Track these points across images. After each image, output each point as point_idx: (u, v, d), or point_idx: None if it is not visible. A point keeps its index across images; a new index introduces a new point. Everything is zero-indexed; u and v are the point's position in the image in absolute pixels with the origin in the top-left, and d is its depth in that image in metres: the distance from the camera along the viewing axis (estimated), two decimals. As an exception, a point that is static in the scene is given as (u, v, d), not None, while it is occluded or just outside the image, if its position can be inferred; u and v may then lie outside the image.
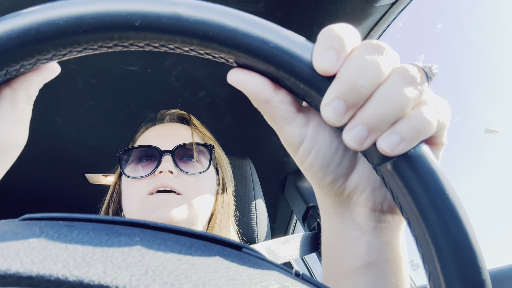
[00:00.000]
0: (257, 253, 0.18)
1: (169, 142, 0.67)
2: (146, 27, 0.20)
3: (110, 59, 1.16)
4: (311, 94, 0.22)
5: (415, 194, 0.20)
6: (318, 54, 0.21)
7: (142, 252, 0.13)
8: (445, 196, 0.19)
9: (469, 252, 0.18)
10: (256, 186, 0.94)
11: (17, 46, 0.19)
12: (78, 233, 0.14)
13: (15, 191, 1.91)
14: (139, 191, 0.63)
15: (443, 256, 0.19)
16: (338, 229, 0.29)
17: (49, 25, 0.19)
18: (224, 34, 0.20)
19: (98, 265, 0.12)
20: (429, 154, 0.20)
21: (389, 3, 0.77)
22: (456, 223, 0.19)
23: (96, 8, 0.19)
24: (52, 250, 0.13)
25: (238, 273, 0.14)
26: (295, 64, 0.21)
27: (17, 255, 0.13)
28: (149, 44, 0.21)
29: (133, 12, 0.19)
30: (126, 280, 0.12)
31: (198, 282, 0.13)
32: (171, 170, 0.63)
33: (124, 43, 0.20)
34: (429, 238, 0.19)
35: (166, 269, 0.13)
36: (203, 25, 0.20)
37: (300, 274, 0.18)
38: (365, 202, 0.28)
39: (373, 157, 0.22)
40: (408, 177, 0.20)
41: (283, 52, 0.21)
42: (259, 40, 0.21)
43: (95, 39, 0.20)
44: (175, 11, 0.20)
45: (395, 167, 0.20)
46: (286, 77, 0.22)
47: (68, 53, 0.21)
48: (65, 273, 0.12)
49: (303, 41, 0.22)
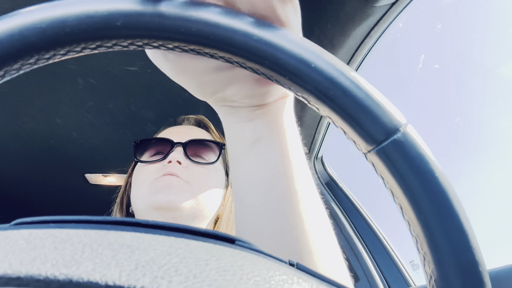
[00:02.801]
0: (250, 245, 0.18)
1: (182, 137, 0.69)
2: (128, 27, 0.20)
3: (110, 60, 1.16)
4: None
5: (405, 179, 0.20)
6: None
7: (132, 248, 0.13)
8: (434, 179, 0.19)
9: (460, 233, 0.19)
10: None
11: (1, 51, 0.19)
12: (67, 233, 0.14)
13: (15, 190, 1.91)
14: (147, 176, 0.64)
15: (436, 238, 0.19)
16: (230, 125, 0.34)
17: (32, 29, 0.19)
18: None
19: (87, 263, 0.12)
20: (417, 138, 0.20)
21: (389, 3, 0.77)
22: (447, 206, 0.19)
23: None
24: (41, 250, 0.13)
25: (230, 264, 0.14)
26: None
27: (6, 258, 0.13)
28: (133, 43, 0.21)
29: (114, 12, 0.20)
30: (115, 276, 0.12)
31: (188, 275, 0.13)
32: (179, 160, 0.64)
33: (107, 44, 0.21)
34: (421, 222, 0.19)
35: (156, 264, 0.13)
36: (186, 22, 0.20)
37: (295, 263, 0.18)
38: (245, 103, 0.32)
39: (361, 145, 0.22)
40: (397, 162, 0.20)
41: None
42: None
43: (77, 41, 0.20)
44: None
45: (384, 153, 0.20)
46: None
47: (52, 57, 0.21)
48: (54, 272, 0.12)
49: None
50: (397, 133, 0.20)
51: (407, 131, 0.20)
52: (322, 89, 0.21)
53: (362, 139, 0.21)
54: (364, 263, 1.02)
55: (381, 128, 0.20)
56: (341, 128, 0.23)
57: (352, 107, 0.21)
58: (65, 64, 1.16)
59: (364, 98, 0.21)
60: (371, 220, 1.14)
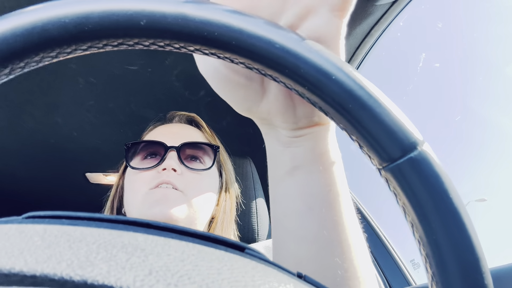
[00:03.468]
0: (259, 254, 0.18)
1: (175, 140, 0.68)
2: (152, 27, 0.20)
3: (111, 59, 1.16)
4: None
5: (419, 198, 0.20)
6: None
7: (146, 252, 0.13)
8: (449, 200, 0.19)
9: (472, 255, 0.19)
10: (256, 185, 0.94)
11: (22, 43, 0.19)
12: (81, 232, 0.14)
13: (16, 190, 1.91)
14: (141, 186, 0.63)
15: (446, 258, 0.19)
16: (270, 146, 0.35)
17: (55, 23, 0.19)
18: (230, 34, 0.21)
19: (102, 265, 0.12)
20: (433, 157, 0.20)
21: (389, 2, 0.77)
22: (459, 227, 0.19)
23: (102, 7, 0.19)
24: (56, 249, 0.13)
25: (241, 275, 0.14)
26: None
27: (21, 254, 0.13)
28: (154, 43, 0.21)
29: (139, 12, 0.20)
30: (130, 280, 0.12)
31: (201, 284, 0.13)
32: (174, 167, 0.63)
33: (129, 42, 0.21)
34: (432, 242, 0.19)
35: (169, 270, 0.13)
36: (209, 26, 0.20)
37: (303, 275, 0.18)
38: (280, 123, 0.32)
39: (376, 160, 0.22)
40: (412, 180, 0.20)
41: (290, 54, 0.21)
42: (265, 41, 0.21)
43: (100, 38, 0.20)
44: (181, 11, 0.20)
45: (399, 170, 0.20)
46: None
47: (73, 51, 0.21)
48: (69, 273, 0.12)
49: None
50: (414, 151, 0.20)
51: (423, 150, 0.20)
52: (341, 101, 0.21)
53: (377, 154, 0.21)
54: (365, 262, 1.02)
55: (398, 145, 0.20)
56: (357, 141, 0.22)
57: (370, 122, 0.21)
58: (66, 63, 1.16)
59: (383, 113, 0.21)
60: (371, 219, 1.14)
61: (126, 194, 0.67)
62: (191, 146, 0.68)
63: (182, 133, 0.72)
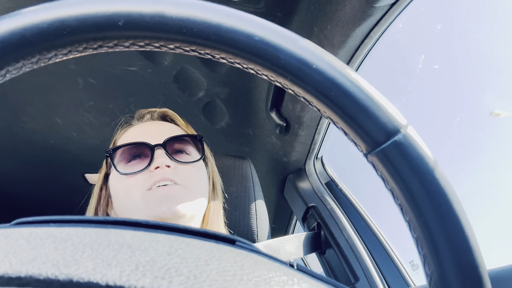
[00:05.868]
0: (250, 245, 0.18)
1: (157, 137, 0.65)
2: (130, 27, 0.20)
3: (110, 60, 1.16)
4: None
5: (406, 180, 0.20)
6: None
7: (133, 248, 0.13)
8: (435, 180, 0.20)
9: (460, 234, 0.19)
10: (256, 186, 0.94)
11: (1, 51, 0.19)
12: (68, 233, 0.14)
13: (15, 190, 1.91)
14: (136, 188, 0.61)
15: (436, 239, 0.19)
16: None
17: (33, 29, 0.19)
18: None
19: (87, 263, 0.12)
20: (417, 139, 0.21)
21: (389, 3, 0.77)
22: (447, 207, 0.19)
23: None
24: (41, 250, 0.13)
25: (230, 265, 0.14)
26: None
27: (6, 257, 0.13)
28: (134, 43, 0.21)
29: (116, 13, 0.20)
30: (116, 276, 0.12)
31: (189, 275, 0.13)
32: (168, 164, 0.61)
33: (109, 44, 0.21)
34: (422, 223, 0.20)
35: (156, 264, 0.13)
36: (187, 22, 0.20)
37: (295, 264, 0.18)
38: None
39: (362, 146, 0.22)
40: (398, 163, 0.20)
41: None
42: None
43: (79, 41, 0.20)
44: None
45: (384, 154, 0.21)
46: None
47: (53, 57, 0.21)
48: (54, 272, 0.12)
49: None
50: (397, 134, 0.21)
51: (407, 132, 0.21)
52: (323, 90, 0.21)
53: (362, 140, 0.21)
54: (364, 263, 1.02)
55: (382, 129, 0.21)
56: (342, 129, 0.23)
57: (352, 108, 0.21)
58: (65, 64, 1.16)
59: (365, 99, 0.21)
60: (371, 220, 1.14)
61: (118, 201, 0.65)
62: (176, 140, 0.66)
63: (160, 130, 0.69)
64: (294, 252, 0.92)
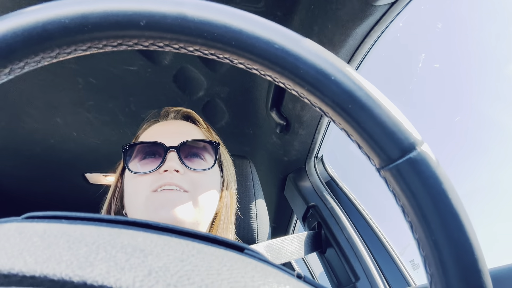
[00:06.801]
0: (259, 254, 0.18)
1: (174, 139, 0.66)
2: (151, 27, 0.20)
3: (110, 59, 1.16)
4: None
5: (418, 198, 0.20)
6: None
7: (145, 253, 0.13)
8: (447, 200, 0.19)
9: (471, 256, 0.19)
10: (256, 186, 0.94)
11: (22, 44, 0.19)
12: (81, 232, 0.14)
13: (15, 190, 1.91)
14: (143, 188, 0.61)
15: (445, 259, 0.19)
16: None
17: (55, 24, 0.19)
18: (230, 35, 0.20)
19: (101, 266, 0.12)
20: (432, 157, 0.20)
21: (389, 2, 0.77)
22: (458, 228, 0.19)
23: (102, 7, 0.19)
24: (55, 249, 0.13)
25: (241, 275, 0.14)
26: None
27: (21, 254, 0.13)
28: (154, 43, 0.21)
29: (139, 12, 0.20)
30: (129, 281, 0.12)
31: (201, 284, 0.13)
32: (177, 169, 0.61)
33: (129, 43, 0.21)
34: (432, 242, 0.19)
35: (169, 270, 0.13)
36: (209, 26, 0.20)
37: (302, 276, 0.18)
38: None
39: (375, 160, 0.22)
40: (411, 181, 0.20)
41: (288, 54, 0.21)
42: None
43: (99, 38, 0.20)
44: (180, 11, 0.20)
45: (398, 171, 0.20)
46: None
47: (73, 52, 0.21)
48: (69, 273, 0.12)
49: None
50: (412, 152, 0.20)
51: (422, 150, 0.20)
52: (340, 102, 0.21)
53: (376, 155, 0.21)
54: (364, 263, 1.02)
55: (397, 145, 0.20)
56: (356, 141, 0.22)
57: (369, 123, 0.21)
58: (65, 63, 1.16)
59: (382, 114, 0.21)
60: (371, 220, 1.14)
61: (127, 197, 0.66)
62: (191, 144, 0.66)
63: (179, 131, 0.70)
64: (296, 252, 0.92)
